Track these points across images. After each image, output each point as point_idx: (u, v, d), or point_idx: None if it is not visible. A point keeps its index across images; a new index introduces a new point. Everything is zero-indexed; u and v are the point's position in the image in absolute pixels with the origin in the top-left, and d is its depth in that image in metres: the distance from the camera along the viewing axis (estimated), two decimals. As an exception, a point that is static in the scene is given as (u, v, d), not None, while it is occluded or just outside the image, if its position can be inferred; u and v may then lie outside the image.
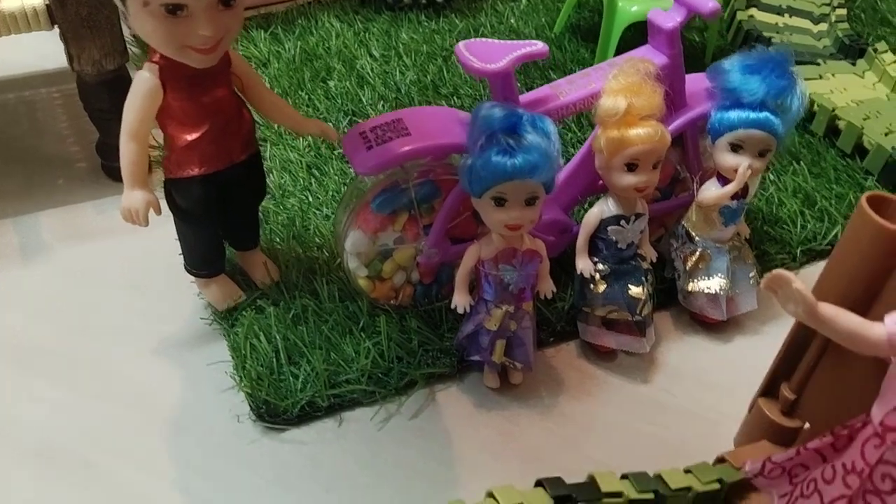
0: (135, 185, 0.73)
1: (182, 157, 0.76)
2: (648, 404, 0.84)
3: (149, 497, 0.72)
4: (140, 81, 0.72)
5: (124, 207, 0.73)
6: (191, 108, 0.74)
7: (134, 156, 0.73)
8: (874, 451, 0.54)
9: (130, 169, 0.73)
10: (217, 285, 0.88)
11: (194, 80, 0.73)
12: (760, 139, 0.82)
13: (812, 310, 0.55)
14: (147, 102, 0.72)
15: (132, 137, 0.73)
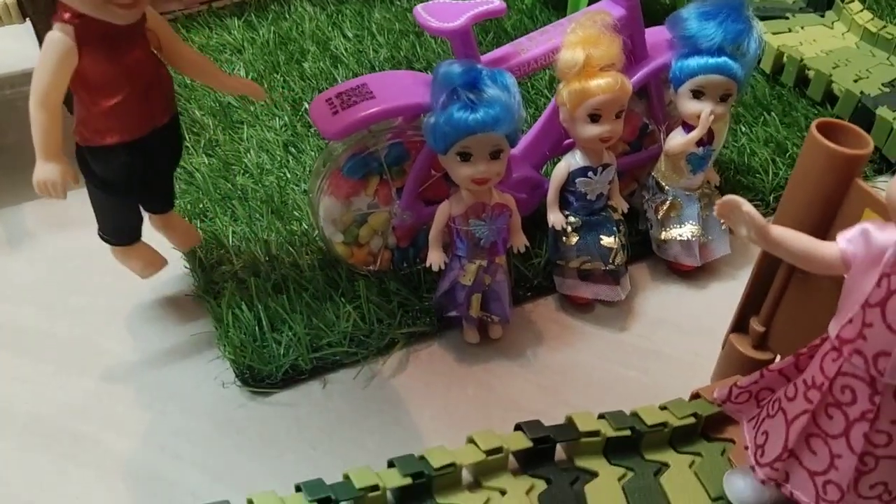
0: (48, 157, 0.68)
1: (100, 123, 0.71)
2: (626, 350, 0.86)
3: (139, 463, 0.74)
4: (52, 43, 0.66)
5: (39, 180, 0.68)
6: (108, 71, 0.68)
7: (46, 124, 0.67)
8: (832, 364, 0.55)
9: (43, 139, 0.68)
10: (138, 253, 0.84)
11: (111, 40, 0.67)
12: (721, 84, 0.83)
13: (762, 231, 0.57)
14: (61, 66, 0.66)
15: (43, 105, 0.67)
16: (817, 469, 0.57)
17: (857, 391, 0.54)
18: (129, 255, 0.83)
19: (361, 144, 0.81)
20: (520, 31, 1.33)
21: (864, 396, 0.54)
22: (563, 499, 0.70)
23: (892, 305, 0.51)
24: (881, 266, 0.52)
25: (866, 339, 0.53)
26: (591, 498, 0.70)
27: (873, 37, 1.25)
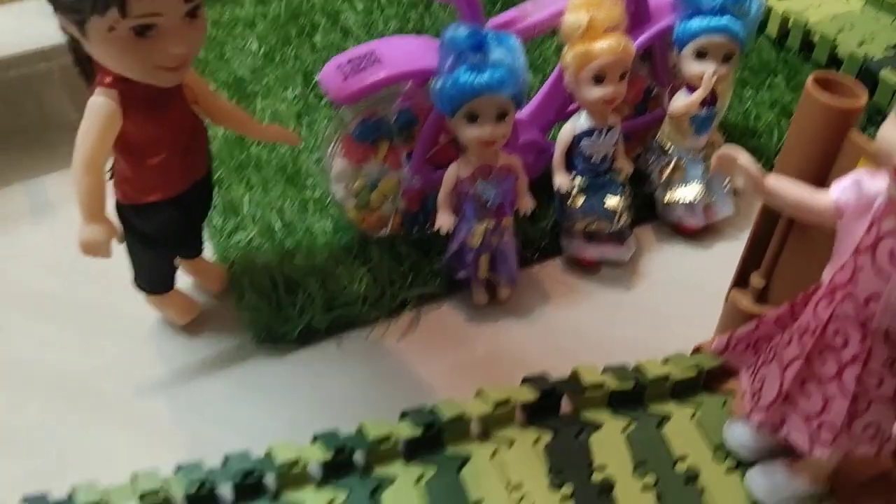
0: (93, 219, 0.67)
1: (144, 182, 0.71)
2: (631, 310, 0.88)
3: (162, 419, 0.77)
4: (96, 109, 0.65)
5: (84, 242, 0.68)
6: (151, 131, 0.68)
7: (91, 187, 0.67)
8: (825, 309, 0.58)
9: (88, 202, 0.67)
10: (174, 301, 0.84)
11: (152, 101, 0.67)
12: (723, 44, 0.84)
13: (758, 181, 0.59)
14: (106, 131, 0.66)
15: (88, 170, 0.66)
16: (811, 412, 0.60)
17: (848, 335, 0.57)
18: (166, 303, 0.84)
19: (371, 109, 0.83)
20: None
21: (856, 340, 0.56)
22: (569, 449, 0.72)
23: (882, 250, 0.53)
24: (872, 212, 0.55)
25: (857, 283, 0.55)
26: (596, 448, 0.72)
27: (879, 1, 1.25)
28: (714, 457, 0.71)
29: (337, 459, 0.69)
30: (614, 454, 0.72)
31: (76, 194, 0.67)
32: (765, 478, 0.67)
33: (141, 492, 0.65)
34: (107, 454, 0.74)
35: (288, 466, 0.68)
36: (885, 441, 0.60)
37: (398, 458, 0.71)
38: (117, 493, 0.65)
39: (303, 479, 0.69)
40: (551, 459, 0.71)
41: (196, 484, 0.66)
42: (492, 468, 0.70)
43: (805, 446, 0.60)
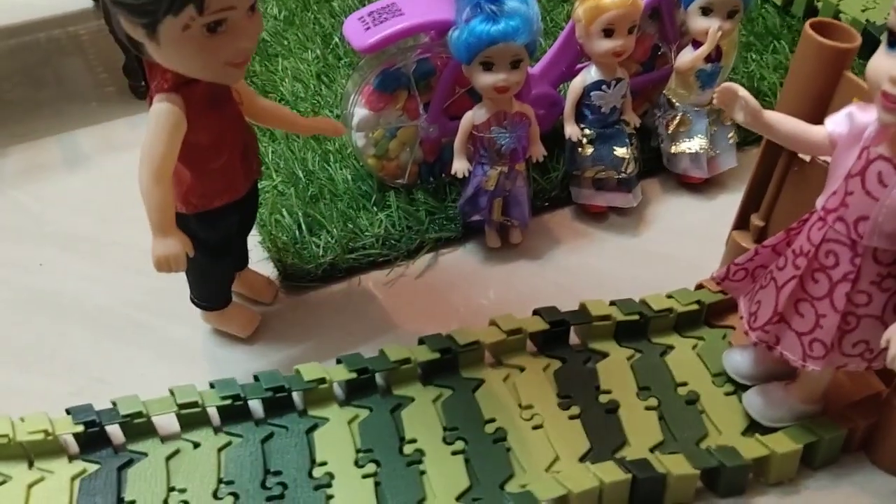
0: (167, 232, 0.65)
1: (210, 187, 0.70)
2: (637, 254, 0.92)
3: (195, 346, 0.83)
4: (162, 115, 0.63)
5: (161, 256, 0.66)
6: (214, 133, 0.67)
7: (162, 198, 0.65)
8: (818, 232, 0.62)
9: (160, 214, 0.65)
10: (236, 313, 0.83)
11: (212, 102, 0.66)
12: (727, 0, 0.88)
13: (757, 113, 0.63)
14: (173, 136, 0.63)
15: (159, 179, 0.64)
16: (804, 330, 0.64)
17: (839, 255, 0.61)
18: (227, 317, 0.82)
19: (391, 60, 0.88)
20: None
21: (846, 259, 0.61)
22: (577, 375, 0.77)
23: (871, 173, 0.58)
24: (862, 141, 0.59)
25: (848, 206, 0.59)
26: (603, 374, 0.77)
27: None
28: (714, 382, 0.76)
29: (359, 380, 0.74)
30: (619, 380, 0.76)
31: (146, 208, 0.65)
32: (761, 397, 0.71)
33: (179, 403, 0.71)
34: (143, 377, 0.79)
35: (315, 384, 0.73)
36: (873, 358, 0.64)
37: (416, 380, 0.76)
38: (157, 405, 0.71)
39: (328, 398, 0.74)
40: (560, 383, 0.76)
41: (230, 397, 0.71)
42: (504, 390, 0.75)
43: (799, 361, 0.65)
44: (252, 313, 0.84)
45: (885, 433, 0.70)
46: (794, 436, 0.68)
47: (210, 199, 0.71)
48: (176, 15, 0.57)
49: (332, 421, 0.72)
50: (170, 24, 0.57)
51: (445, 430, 0.72)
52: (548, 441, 0.71)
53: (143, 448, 0.70)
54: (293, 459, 0.69)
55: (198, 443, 0.71)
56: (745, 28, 1.23)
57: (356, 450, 0.70)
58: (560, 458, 0.70)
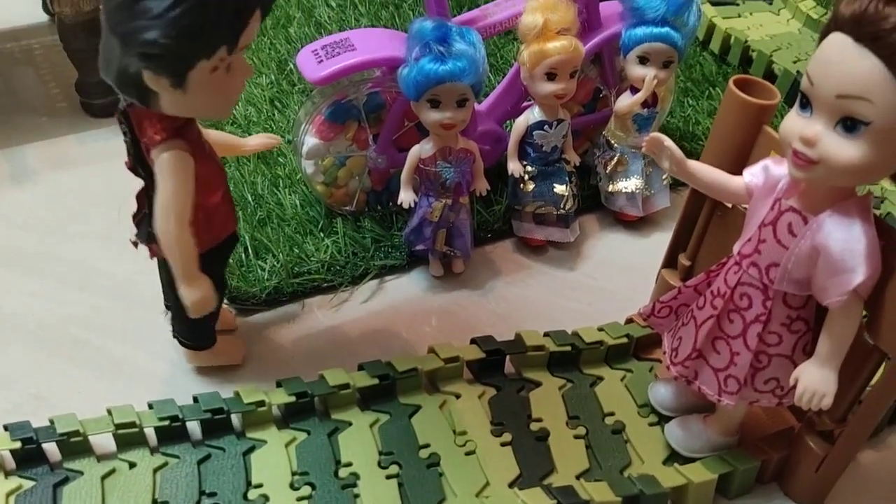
0: (197, 277, 0.66)
1: (214, 221, 0.70)
2: (574, 287, 0.96)
3: (135, 365, 0.83)
4: (176, 163, 0.63)
5: (196, 302, 0.66)
6: (209, 169, 0.68)
7: (190, 244, 0.65)
8: (734, 275, 0.66)
9: (189, 260, 0.65)
10: (225, 344, 0.82)
11: (198, 140, 0.67)
12: (663, 51, 0.93)
13: (681, 163, 0.68)
14: (192, 181, 0.64)
15: (185, 227, 0.64)
16: (720, 366, 0.68)
17: (752, 298, 0.65)
18: (217, 352, 0.82)
19: (343, 92, 0.90)
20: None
21: (759, 302, 0.65)
22: (510, 403, 0.80)
23: (782, 224, 0.62)
24: (775, 192, 0.63)
25: (761, 252, 0.64)
26: (535, 403, 0.80)
27: (815, 23, 1.36)
28: (639, 413, 0.80)
29: (298, 403, 0.76)
30: (551, 408, 0.79)
31: (175, 257, 0.65)
32: (681, 429, 0.75)
33: (116, 423, 0.71)
34: (84, 395, 0.80)
35: (254, 407, 0.74)
36: (784, 394, 0.68)
37: (355, 405, 0.78)
38: (94, 424, 0.71)
39: (267, 420, 0.76)
40: (494, 411, 0.79)
41: (168, 418, 0.72)
42: (440, 416, 0.78)
43: (715, 396, 0.69)
44: (237, 340, 0.84)
45: (796, 465, 0.74)
46: (711, 466, 0.72)
47: (219, 233, 0.72)
48: (209, 58, 0.58)
49: (269, 443, 0.74)
50: (201, 67, 0.58)
51: (381, 454, 0.74)
52: (479, 467, 0.74)
53: (80, 466, 0.71)
54: (229, 481, 0.71)
55: (134, 463, 0.71)
56: (683, 74, 1.29)
57: (292, 472, 0.72)
58: (490, 483, 0.72)
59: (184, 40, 0.55)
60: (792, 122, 0.58)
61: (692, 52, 1.36)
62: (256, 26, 0.60)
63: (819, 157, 0.55)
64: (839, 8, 0.54)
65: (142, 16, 0.55)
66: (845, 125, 0.54)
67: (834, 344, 0.61)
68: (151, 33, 0.55)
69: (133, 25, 0.55)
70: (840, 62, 0.53)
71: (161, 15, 0.54)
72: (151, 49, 0.55)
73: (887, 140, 0.53)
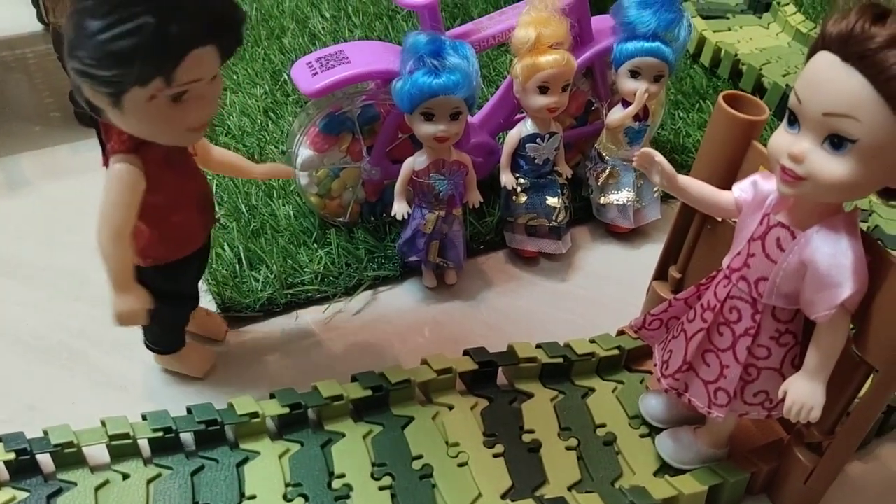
0: (127, 289, 0.66)
1: (167, 242, 0.71)
2: (565, 298, 0.97)
3: (127, 375, 0.83)
4: (121, 175, 0.64)
5: (122, 313, 0.66)
6: (172, 189, 0.68)
7: (123, 258, 0.65)
8: (723, 289, 0.67)
9: (121, 273, 0.65)
10: (191, 353, 0.83)
11: (170, 159, 0.66)
12: (654, 65, 0.94)
13: (671, 178, 0.68)
14: (134, 198, 0.64)
15: (119, 239, 0.64)
16: (710, 379, 0.69)
17: (742, 311, 0.66)
18: (183, 358, 0.82)
19: (337, 104, 0.91)
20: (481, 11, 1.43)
21: (748, 315, 0.66)
22: (503, 414, 0.81)
23: (771, 238, 0.63)
24: (764, 207, 0.64)
25: (750, 267, 0.65)
26: (527, 414, 0.81)
27: (804, 37, 1.38)
28: (630, 424, 0.80)
29: (292, 415, 0.76)
30: (543, 420, 0.80)
31: (106, 267, 0.65)
32: (672, 441, 0.76)
33: (110, 434, 0.71)
34: (78, 406, 0.80)
35: (247, 418, 0.74)
36: (773, 407, 0.69)
37: (348, 416, 0.79)
38: (88, 435, 0.72)
39: (260, 431, 0.76)
40: (486, 422, 0.79)
41: (162, 430, 0.73)
42: (433, 427, 0.78)
43: (705, 408, 0.69)
44: (207, 352, 0.85)
45: (785, 477, 0.75)
46: (701, 478, 0.73)
47: (170, 253, 0.72)
48: (143, 86, 0.57)
49: (262, 455, 0.74)
50: (136, 93, 0.58)
51: (374, 465, 0.74)
52: (472, 478, 0.74)
53: (73, 478, 0.71)
54: (222, 493, 0.71)
55: (127, 474, 0.72)
56: (674, 87, 1.31)
57: (285, 484, 0.72)
58: (483, 494, 0.73)
59: (109, 64, 0.56)
60: (780, 138, 0.59)
61: (683, 64, 1.38)
62: (205, 62, 0.59)
63: (806, 174, 0.56)
64: (826, 27, 0.55)
65: (80, 32, 0.56)
66: (832, 142, 0.55)
67: (822, 357, 0.62)
68: (81, 52, 0.56)
69: (72, 40, 0.56)
70: (827, 80, 0.54)
71: (92, 36, 0.55)
72: (80, 66, 0.57)
73: (874, 157, 0.54)
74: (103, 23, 0.55)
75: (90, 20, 0.55)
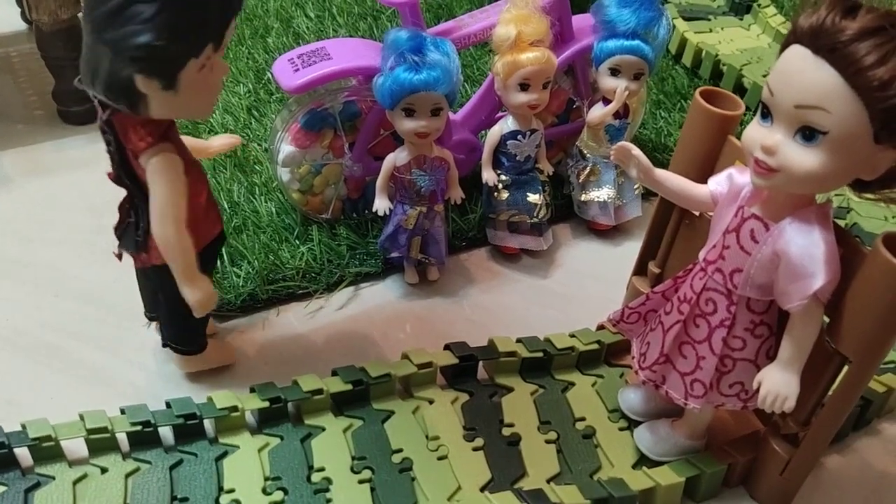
0: (197, 276, 0.68)
1: (203, 220, 0.70)
2: (547, 294, 0.97)
3: (108, 371, 0.83)
4: (171, 167, 0.64)
5: (199, 301, 0.68)
6: (192, 171, 0.68)
7: (189, 247, 0.66)
8: (699, 281, 0.68)
9: (190, 262, 0.66)
10: (214, 347, 0.82)
11: (180, 142, 0.67)
12: (634, 63, 0.95)
13: (648, 171, 0.69)
14: (184, 183, 0.65)
15: (182, 230, 0.65)
16: (686, 370, 0.70)
17: (717, 303, 0.67)
18: (208, 356, 0.82)
19: (318, 101, 0.91)
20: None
21: (723, 307, 0.66)
22: (483, 408, 0.81)
23: (745, 230, 0.64)
24: (739, 200, 0.65)
25: (725, 259, 0.65)
26: (507, 408, 0.81)
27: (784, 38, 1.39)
28: (609, 418, 0.81)
29: (272, 409, 0.76)
30: (522, 414, 0.80)
31: (177, 259, 0.66)
32: (649, 433, 0.77)
33: (88, 429, 0.71)
34: (56, 401, 0.79)
35: (227, 412, 0.74)
36: (748, 398, 0.70)
37: (328, 410, 0.79)
38: (66, 429, 0.71)
39: (240, 426, 0.76)
40: (467, 416, 0.80)
41: (140, 424, 0.72)
42: (413, 421, 0.78)
43: (681, 400, 0.70)
44: (223, 341, 0.85)
45: (762, 469, 0.76)
46: (678, 469, 0.74)
47: (208, 233, 0.72)
48: (198, 56, 0.59)
49: (242, 449, 0.74)
50: (191, 67, 0.59)
51: (354, 459, 0.75)
52: (451, 471, 0.74)
53: (51, 472, 0.70)
54: (201, 486, 0.71)
55: (106, 468, 0.71)
56: (656, 87, 1.32)
57: (265, 477, 0.72)
58: (462, 487, 0.73)
59: (175, 41, 0.57)
60: (753, 131, 0.60)
61: (665, 65, 1.39)
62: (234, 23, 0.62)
63: (779, 166, 0.57)
64: (798, 21, 0.56)
65: (132, 21, 0.56)
66: (804, 134, 0.55)
67: (795, 347, 0.63)
68: (144, 37, 0.56)
69: (124, 31, 0.56)
70: (799, 73, 0.55)
71: (152, 18, 0.55)
72: (145, 52, 0.56)
73: (844, 149, 0.55)
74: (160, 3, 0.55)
75: (141, 5, 0.55)
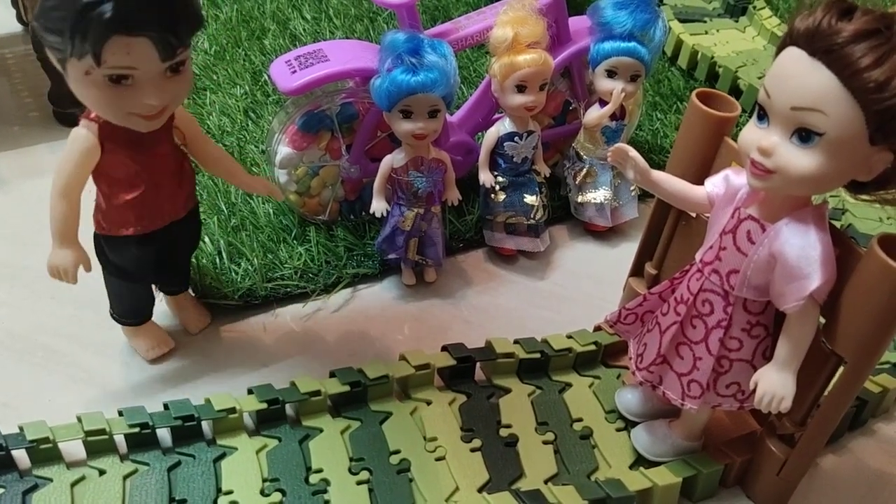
0: (63, 244, 0.70)
1: (117, 216, 0.73)
2: (544, 295, 0.98)
3: (104, 373, 0.83)
4: (76, 140, 0.68)
5: (52, 265, 0.71)
6: (129, 168, 0.70)
7: (65, 213, 0.69)
8: (696, 282, 0.68)
9: (59, 227, 0.70)
10: (145, 334, 0.84)
11: (136, 138, 0.68)
12: (630, 65, 0.96)
13: (645, 172, 0.70)
14: (83, 161, 0.68)
15: (63, 196, 0.69)
16: (683, 371, 0.70)
17: (714, 304, 0.67)
18: (137, 335, 0.84)
19: (316, 103, 0.92)
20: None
21: (720, 308, 0.67)
22: (481, 409, 0.81)
23: (741, 231, 0.64)
24: (735, 201, 0.65)
25: (721, 260, 0.66)
26: (505, 409, 0.81)
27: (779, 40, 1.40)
28: (606, 419, 0.81)
29: (269, 410, 0.76)
30: (520, 415, 0.81)
31: (50, 217, 0.70)
32: (647, 433, 0.77)
33: (86, 430, 0.71)
34: (54, 403, 0.79)
35: (224, 414, 0.74)
36: (745, 399, 0.70)
37: (326, 412, 0.79)
38: (64, 431, 0.71)
39: (237, 427, 0.76)
40: (464, 417, 0.80)
41: (138, 425, 0.72)
42: (411, 423, 0.78)
43: (678, 400, 0.70)
44: (163, 339, 0.85)
45: (758, 469, 0.76)
46: (675, 470, 0.74)
47: (116, 227, 0.74)
48: (79, 59, 0.60)
49: (240, 450, 0.74)
50: (74, 65, 0.61)
51: (352, 460, 0.75)
52: (449, 472, 0.74)
53: (49, 474, 0.70)
54: (199, 488, 0.71)
55: (103, 470, 0.71)
56: (652, 88, 1.32)
57: (263, 479, 0.72)
58: (460, 488, 0.73)
59: (46, 30, 0.60)
60: (750, 133, 0.60)
61: (661, 67, 1.39)
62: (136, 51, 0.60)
63: (775, 167, 0.57)
64: (794, 23, 0.56)
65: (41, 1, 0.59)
66: (800, 136, 0.56)
67: (791, 348, 0.63)
68: (36, 8, 0.60)
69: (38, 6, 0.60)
70: (795, 75, 0.55)
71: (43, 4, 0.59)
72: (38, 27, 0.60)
73: (840, 150, 0.55)
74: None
75: None
